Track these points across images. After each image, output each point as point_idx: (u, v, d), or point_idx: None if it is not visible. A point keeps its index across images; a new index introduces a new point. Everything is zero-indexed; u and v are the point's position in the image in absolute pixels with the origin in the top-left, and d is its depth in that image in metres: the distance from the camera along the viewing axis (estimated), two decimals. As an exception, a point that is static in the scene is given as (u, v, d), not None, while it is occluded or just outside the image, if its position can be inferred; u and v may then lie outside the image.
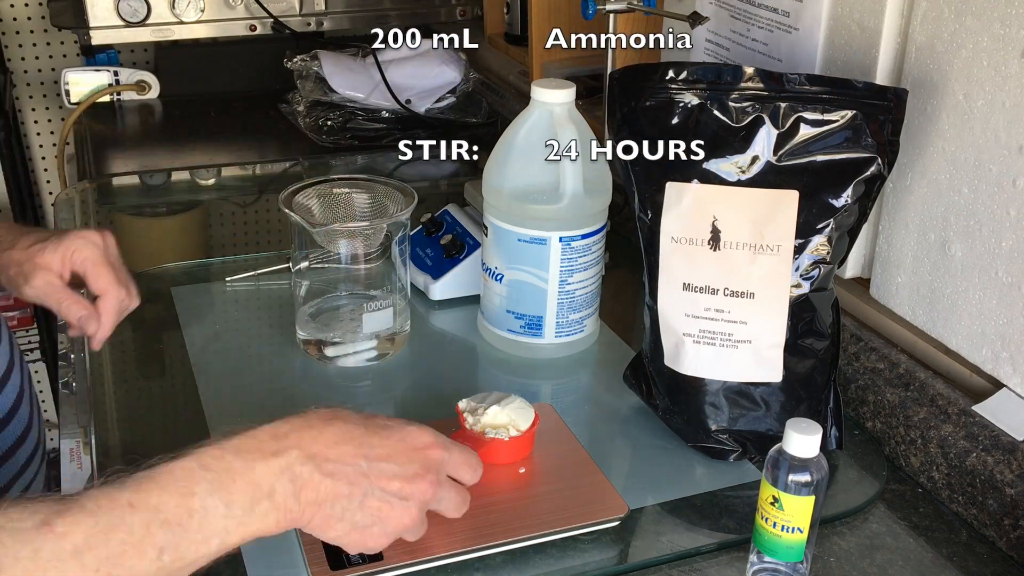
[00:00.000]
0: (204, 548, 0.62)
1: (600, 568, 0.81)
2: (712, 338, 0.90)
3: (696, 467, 0.92)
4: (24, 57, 2.01)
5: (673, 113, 0.89)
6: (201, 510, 0.61)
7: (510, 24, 1.88)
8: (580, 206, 1.02)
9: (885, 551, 0.84)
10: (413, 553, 0.78)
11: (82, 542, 0.57)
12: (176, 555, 0.60)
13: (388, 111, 1.71)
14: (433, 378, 1.07)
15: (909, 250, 0.97)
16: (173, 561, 0.60)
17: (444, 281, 1.17)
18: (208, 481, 0.62)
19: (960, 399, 0.90)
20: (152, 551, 0.59)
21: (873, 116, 0.86)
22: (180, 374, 1.04)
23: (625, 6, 1.20)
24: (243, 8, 1.81)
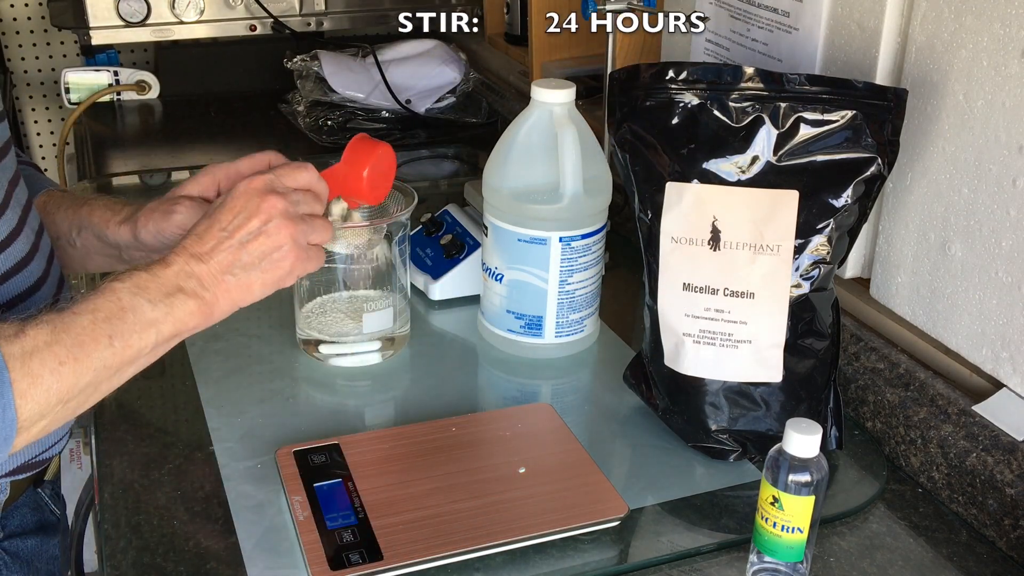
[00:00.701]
0: (145, 337, 0.75)
1: (600, 568, 0.81)
2: (712, 338, 0.90)
3: (696, 467, 0.93)
4: (24, 57, 2.02)
5: (673, 113, 0.89)
6: (131, 308, 0.74)
7: (510, 24, 1.88)
8: (580, 206, 1.02)
9: (885, 551, 0.84)
10: (413, 553, 0.78)
11: (51, 338, 0.71)
12: (123, 342, 0.73)
13: (388, 111, 1.71)
14: (433, 378, 1.07)
15: (909, 250, 0.97)
16: (123, 348, 0.73)
17: (444, 281, 1.17)
18: (126, 290, 0.75)
19: (960, 399, 0.90)
20: (103, 338, 0.72)
21: (873, 116, 0.86)
22: (180, 374, 1.04)
23: (625, 6, 1.20)
24: (243, 8, 1.81)
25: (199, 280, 0.78)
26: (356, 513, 0.82)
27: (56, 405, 0.71)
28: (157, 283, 0.76)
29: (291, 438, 0.92)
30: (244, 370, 1.05)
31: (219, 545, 0.82)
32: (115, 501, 0.87)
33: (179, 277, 0.77)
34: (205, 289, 0.78)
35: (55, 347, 0.70)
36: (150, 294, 0.75)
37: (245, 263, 0.79)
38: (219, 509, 0.86)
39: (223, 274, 0.79)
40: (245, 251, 0.79)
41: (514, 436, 0.93)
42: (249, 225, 0.80)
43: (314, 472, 0.86)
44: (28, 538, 0.96)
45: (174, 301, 0.76)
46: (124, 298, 0.74)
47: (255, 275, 0.80)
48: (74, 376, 0.71)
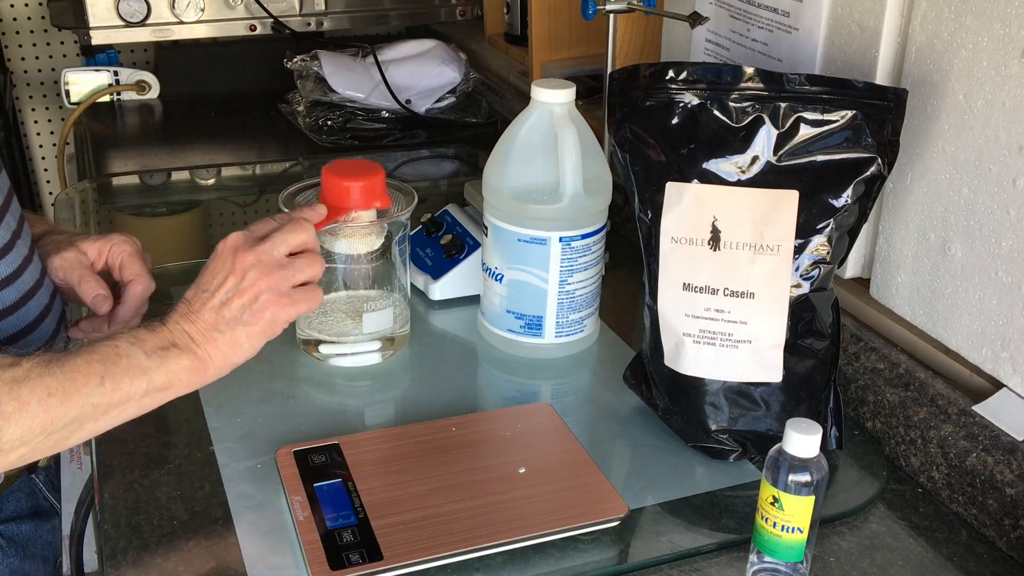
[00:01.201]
0: (136, 383, 0.78)
1: (600, 568, 0.81)
2: (712, 338, 0.90)
3: (696, 467, 0.93)
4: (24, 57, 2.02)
5: (673, 113, 0.89)
6: (126, 355, 0.78)
7: (510, 24, 1.88)
8: (580, 206, 1.02)
9: (885, 551, 0.84)
10: (413, 553, 0.78)
11: (43, 370, 0.74)
12: (114, 384, 0.76)
13: (388, 111, 1.71)
14: (433, 378, 1.07)
15: (909, 250, 0.97)
16: (112, 389, 0.76)
17: (444, 281, 1.17)
18: (124, 339, 0.79)
19: (960, 399, 0.90)
20: (95, 377, 0.76)
21: (873, 116, 0.86)
22: (180, 374, 1.04)
23: (625, 6, 1.20)
24: (243, 8, 1.81)
25: (190, 337, 0.82)
26: (356, 513, 0.82)
27: (39, 434, 0.73)
28: (154, 337, 0.80)
29: (291, 438, 0.92)
30: (244, 370, 1.04)
31: (219, 545, 0.82)
32: (115, 501, 0.87)
33: (173, 334, 0.81)
34: (197, 345, 0.82)
35: (46, 378, 0.73)
36: (146, 346, 0.79)
37: (228, 319, 0.83)
38: (219, 509, 0.86)
39: (210, 331, 0.83)
40: (227, 308, 0.83)
41: (514, 436, 0.93)
42: (227, 284, 0.84)
43: (314, 472, 0.86)
44: (23, 523, 0.98)
45: (168, 354, 0.80)
46: (121, 346, 0.78)
47: (240, 329, 0.83)
48: (61, 408, 0.74)
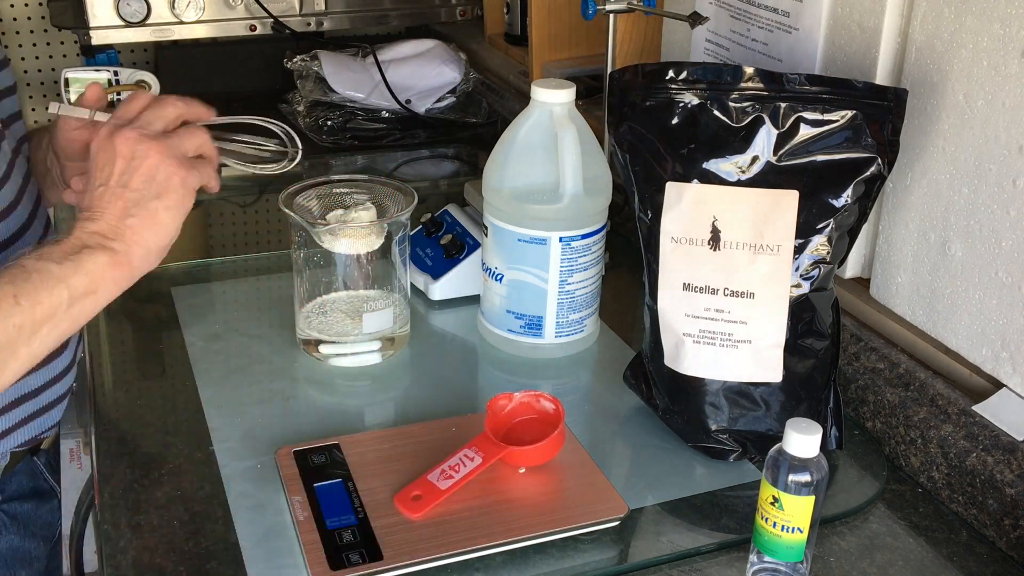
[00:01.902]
0: (55, 293, 0.74)
1: (600, 568, 0.81)
2: (712, 338, 0.90)
3: (696, 467, 0.92)
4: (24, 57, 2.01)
5: (673, 113, 0.89)
6: (35, 270, 0.74)
7: (510, 24, 1.88)
8: (580, 206, 1.02)
9: (885, 551, 0.84)
10: (413, 553, 0.78)
11: None
12: (30, 300, 0.73)
13: (388, 111, 1.71)
14: (433, 378, 1.07)
15: (909, 250, 0.97)
16: (31, 306, 0.73)
17: (444, 281, 1.17)
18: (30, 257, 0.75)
19: (960, 399, 0.90)
20: (8, 298, 0.72)
21: (873, 116, 0.86)
22: (180, 374, 1.04)
23: (625, 6, 1.20)
24: (243, 8, 1.81)
25: (101, 235, 0.77)
26: (356, 513, 0.82)
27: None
28: (60, 247, 0.76)
29: (291, 438, 0.92)
30: (244, 370, 1.05)
31: (219, 545, 0.82)
32: (115, 501, 0.87)
33: (80, 238, 0.77)
34: (111, 241, 0.77)
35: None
36: (54, 256, 0.75)
37: (135, 200, 0.79)
38: (219, 509, 0.86)
39: (121, 219, 0.78)
40: (129, 190, 0.79)
41: (514, 436, 0.92)
42: (117, 166, 0.80)
43: (314, 472, 0.86)
44: (25, 502, 1.00)
45: (80, 256, 0.76)
46: (27, 263, 0.75)
47: (153, 204, 0.79)
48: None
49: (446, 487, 0.83)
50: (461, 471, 0.84)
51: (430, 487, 0.83)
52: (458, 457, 0.85)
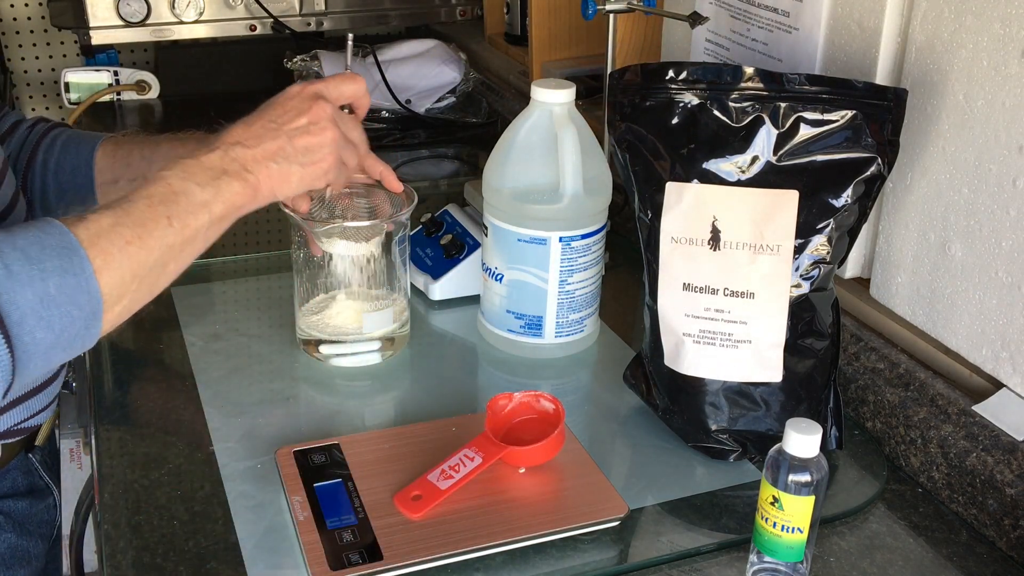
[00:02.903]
0: (200, 217, 0.79)
1: (600, 568, 0.81)
2: (712, 338, 0.90)
3: (696, 467, 0.92)
4: (24, 57, 2.01)
5: (673, 113, 0.89)
6: (182, 191, 0.79)
7: (510, 24, 1.88)
8: (580, 206, 1.02)
9: (885, 551, 0.84)
10: (413, 553, 0.78)
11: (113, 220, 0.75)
12: (181, 223, 0.78)
13: (388, 111, 1.71)
14: (433, 378, 1.07)
15: (909, 250, 0.97)
16: (181, 228, 0.78)
17: (444, 281, 1.17)
18: (175, 176, 0.79)
19: (960, 399, 0.90)
20: (163, 219, 0.77)
21: (873, 116, 0.86)
22: (180, 374, 1.04)
23: (625, 6, 1.20)
24: (243, 8, 1.81)
25: (242, 163, 0.83)
26: (356, 513, 0.82)
27: (131, 282, 0.76)
28: (202, 168, 0.81)
29: (291, 438, 0.92)
30: (244, 370, 1.05)
31: (219, 545, 0.82)
32: (115, 501, 0.87)
33: (223, 161, 0.82)
34: (248, 172, 0.83)
35: (120, 228, 0.75)
36: (198, 178, 0.80)
37: (288, 154, 0.85)
38: (219, 509, 0.86)
39: (266, 160, 0.84)
40: (291, 144, 0.85)
41: (514, 436, 0.92)
42: (298, 121, 0.86)
43: (314, 472, 0.86)
44: (19, 500, 1.00)
45: (220, 183, 0.81)
46: (175, 183, 0.79)
47: (295, 168, 0.85)
48: (142, 253, 0.75)
49: (446, 487, 0.83)
50: (461, 471, 0.84)
51: (430, 487, 0.83)
52: (458, 457, 0.85)
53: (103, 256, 0.73)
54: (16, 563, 0.98)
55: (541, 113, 1.02)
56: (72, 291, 0.71)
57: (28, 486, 1.02)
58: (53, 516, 1.07)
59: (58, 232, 0.72)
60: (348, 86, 0.92)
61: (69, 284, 0.71)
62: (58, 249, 0.71)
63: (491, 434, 0.86)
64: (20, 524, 1.00)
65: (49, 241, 0.72)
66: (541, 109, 1.02)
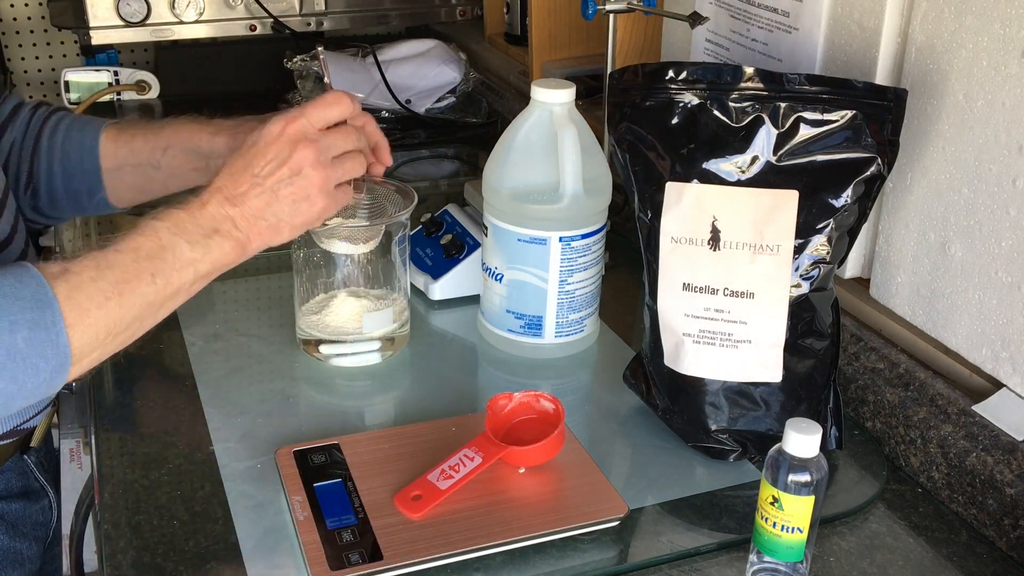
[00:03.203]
0: (184, 274, 0.79)
1: (600, 568, 0.81)
2: (712, 338, 0.90)
3: (696, 467, 0.92)
4: (24, 57, 2.01)
5: (673, 113, 0.89)
6: (171, 247, 0.78)
7: (510, 24, 1.88)
8: (580, 206, 1.02)
9: (885, 551, 0.84)
10: (413, 553, 0.78)
11: (95, 274, 0.74)
12: (164, 280, 0.78)
13: (388, 111, 1.71)
14: (433, 378, 1.07)
15: (909, 250, 0.97)
16: (164, 285, 0.78)
17: (444, 281, 1.17)
18: (166, 229, 0.79)
19: (960, 399, 0.90)
20: (146, 276, 0.76)
21: (873, 116, 0.86)
22: (180, 374, 1.04)
23: (625, 6, 1.20)
24: (243, 8, 1.81)
25: (233, 222, 0.82)
26: (356, 513, 0.82)
27: (105, 338, 0.75)
28: (195, 224, 0.80)
29: (291, 438, 0.92)
30: (244, 370, 1.05)
31: (219, 545, 0.82)
32: (115, 501, 0.87)
33: (215, 220, 0.81)
34: (239, 230, 0.82)
35: (100, 283, 0.74)
36: (189, 235, 0.79)
37: (276, 210, 0.84)
38: (219, 509, 0.86)
39: (256, 218, 0.83)
40: (276, 199, 0.83)
41: (514, 436, 0.92)
42: (280, 172, 0.83)
43: (314, 472, 0.86)
44: (13, 502, 0.99)
45: (210, 243, 0.80)
46: (164, 237, 0.78)
47: (284, 221, 0.84)
48: (120, 310, 0.75)
49: (446, 487, 0.83)
50: (461, 471, 0.84)
51: (430, 487, 0.83)
52: (458, 457, 0.85)
53: (78, 312, 0.73)
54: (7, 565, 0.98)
55: (541, 113, 1.02)
56: (40, 345, 0.71)
57: (23, 488, 1.01)
58: (49, 518, 1.07)
59: (35, 283, 0.72)
60: (333, 111, 0.88)
61: (38, 338, 0.71)
62: (32, 301, 0.71)
63: (491, 434, 0.86)
64: (12, 526, 0.99)
65: (24, 292, 0.71)
66: (541, 109, 1.02)
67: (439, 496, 0.82)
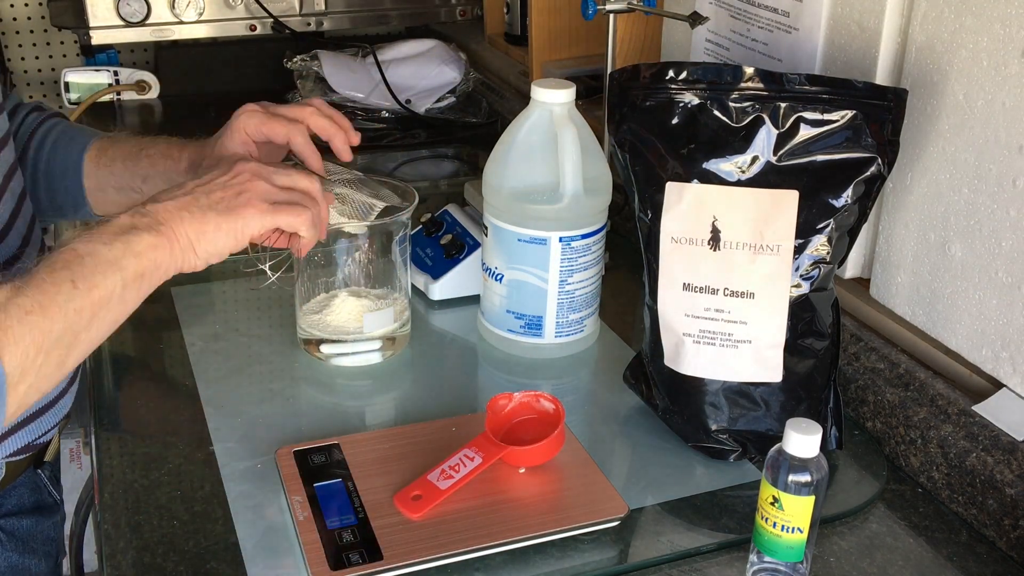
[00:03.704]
0: (109, 277, 0.74)
1: (600, 568, 0.81)
2: (712, 338, 0.90)
3: (696, 467, 0.92)
4: (24, 57, 2.01)
5: (673, 113, 0.89)
6: (87, 253, 0.74)
7: (510, 24, 1.88)
8: (580, 206, 1.02)
9: (885, 551, 0.84)
10: (413, 553, 0.78)
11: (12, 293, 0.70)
12: (87, 283, 0.73)
13: (388, 111, 1.71)
14: (433, 378, 1.07)
15: (909, 250, 0.97)
16: (88, 289, 0.73)
17: (444, 281, 1.17)
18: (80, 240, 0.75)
19: (960, 399, 0.90)
20: (65, 283, 0.72)
21: (873, 116, 0.86)
22: (180, 374, 1.04)
23: (625, 6, 1.20)
24: (243, 8, 1.81)
25: (152, 216, 0.78)
26: (356, 513, 0.82)
27: (35, 356, 0.70)
28: (109, 228, 0.77)
29: (291, 438, 0.92)
30: (244, 370, 1.05)
31: (219, 545, 0.82)
32: (115, 501, 0.87)
33: (132, 219, 0.78)
34: (160, 223, 0.78)
35: (18, 298, 0.70)
36: (103, 238, 0.75)
37: (202, 204, 0.80)
38: (219, 509, 0.86)
39: (179, 210, 0.79)
40: (205, 194, 0.80)
41: (514, 436, 0.92)
42: (215, 176, 0.82)
43: (314, 472, 0.86)
44: (25, 518, 0.98)
45: (129, 237, 0.76)
46: (79, 247, 0.74)
47: (210, 216, 0.80)
48: (44, 322, 0.70)
49: (446, 487, 0.83)
50: (461, 471, 0.84)
51: (430, 487, 0.83)
52: (458, 457, 0.85)
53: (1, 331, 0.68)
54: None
55: (541, 113, 1.02)
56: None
57: (35, 503, 1.00)
58: (59, 533, 1.06)
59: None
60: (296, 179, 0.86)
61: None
62: None
63: (491, 434, 0.86)
64: (23, 542, 0.98)
65: None
66: (541, 109, 1.02)
67: (439, 496, 0.82)
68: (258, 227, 0.82)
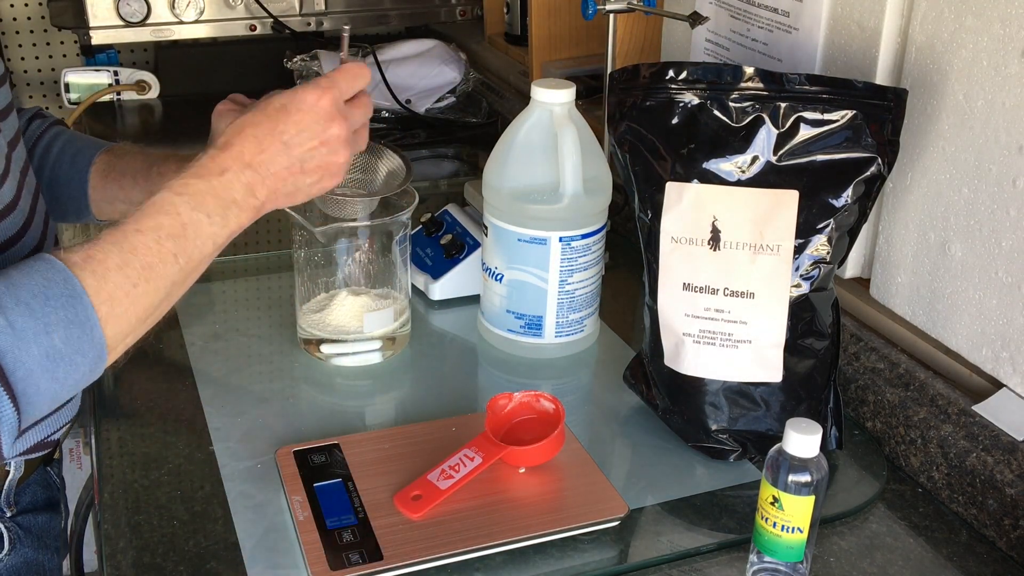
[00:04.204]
0: (204, 250, 0.78)
1: (600, 568, 0.81)
2: (712, 338, 0.90)
3: (696, 467, 0.92)
4: (24, 57, 2.01)
5: (673, 113, 0.89)
6: (191, 223, 0.76)
7: (510, 24, 1.88)
8: (580, 206, 1.02)
9: (885, 551, 0.84)
10: (413, 553, 0.78)
11: (120, 260, 0.73)
12: (187, 258, 0.76)
13: (388, 111, 1.71)
14: (433, 378, 1.07)
15: (909, 250, 0.97)
16: (186, 263, 0.76)
17: (444, 281, 1.17)
18: (185, 204, 0.76)
19: (960, 399, 0.90)
20: (170, 257, 0.75)
21: (873, 116, 0.86)
22: (180, 374, 1.04)
23: (625, 6, 1.20)
24: (243, 8, 1.81)
25: (252, 190, 0.80)
26: (356, 513, 0.82)
27: (136, 324, 0.75)
28: (214, 195, 0.78)
29: (291, 438, 0.92)
30: (244, 370, 1.05)
31: (219, 545, 0.82)
32: (115, 501, 0.87)
33: (234, 189, 0.79)
34: (256, 198, 0.81)
35: (126, 269, 0.73)
36: (208, 208, 0.77)
37: (298, 181, 0.83)
38: (219, 509, 0.86)
39: (276, 186, 0.82)
40: (302, 171, 0.82)
41: (514, 436, 0.92)
42: (310, 144, 0.82)
43: (314, 472, 0.86)
44: (39, 514, 0.98)
45: (229, 214, 0.79)
46: (184, 213, 0.76)
47: (302, 191, 0.84)
48: (147, 297, 0.74)
49: (446, 487, 0.83)
50: (461, 471, 0.84)
51: (430, 487, 0.83)
52: (458, 457, 0.85)
53: (108, 303, 0.71)
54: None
55: (541, 113, 1.02)
56: (78, 342, 0.70)
57: (47, 500, 1.00)
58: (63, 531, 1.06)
59: (62, 279, 0.70)
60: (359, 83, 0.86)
61: (74, 336, 0.70)
62: (63, 299, 0.70)
63: (491, 434, 0.86)
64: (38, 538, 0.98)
65: (53, 291, 0.70)
66: (541, 109, 1.02)
67: (439, 496, 0.82)
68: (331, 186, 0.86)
